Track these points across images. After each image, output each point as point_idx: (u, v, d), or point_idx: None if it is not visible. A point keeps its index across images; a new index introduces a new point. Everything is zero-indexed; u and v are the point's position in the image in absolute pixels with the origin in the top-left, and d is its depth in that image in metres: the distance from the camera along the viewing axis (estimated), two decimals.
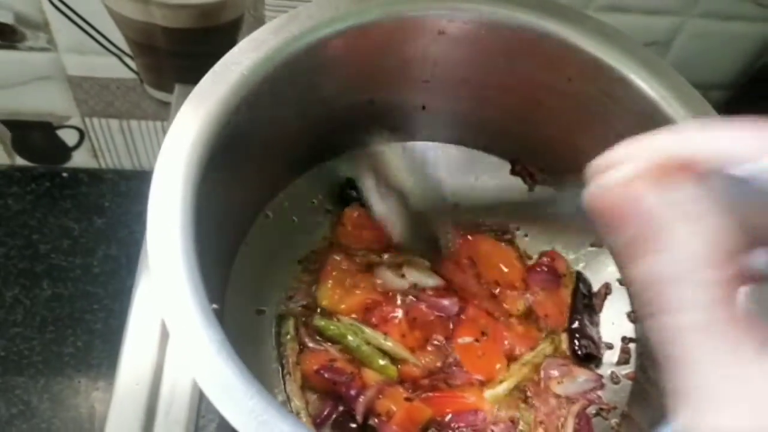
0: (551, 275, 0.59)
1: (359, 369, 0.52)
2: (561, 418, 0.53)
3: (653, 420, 0.46)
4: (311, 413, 0.51)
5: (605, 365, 0.56)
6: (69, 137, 0.78)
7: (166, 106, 0.73)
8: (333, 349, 0.53)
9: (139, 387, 0.51)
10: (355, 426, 0.50)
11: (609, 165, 0.25)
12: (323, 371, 0.51)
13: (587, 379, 0.55)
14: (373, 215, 0.52)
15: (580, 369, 0.55)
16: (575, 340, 0.56)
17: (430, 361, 0.53)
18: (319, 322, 0.54)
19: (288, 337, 0.53)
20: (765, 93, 0.72)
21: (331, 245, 0.58)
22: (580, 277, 0.59)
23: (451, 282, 0.57)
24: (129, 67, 0.69)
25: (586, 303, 0.58)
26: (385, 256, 0.57)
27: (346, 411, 0.51)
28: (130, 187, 0.81)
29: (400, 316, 0.54)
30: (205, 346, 0.37)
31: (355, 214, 0.58)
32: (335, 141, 0.59)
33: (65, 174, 0.81)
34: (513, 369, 0.54)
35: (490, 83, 0.56)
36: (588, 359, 0.56)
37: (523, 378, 0.54)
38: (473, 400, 0.53)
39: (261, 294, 0.55)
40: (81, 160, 0.81)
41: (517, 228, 0.61)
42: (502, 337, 0.55)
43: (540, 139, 0.59)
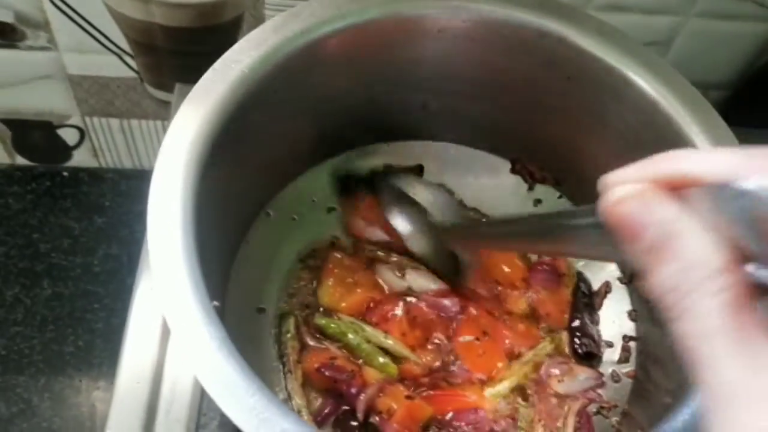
0: (552, 274, 0.59)
1: (360, 367, 0.52)
2: (561, 416, 0.53)
3: (653, 418, 0.46)
4: (312, 411, 0.51)
5: (606, 363, 0.56)
6: (69, 136, 0.78)
7: (166, 105, 0.73)
8: (334, 347, 0.53)
9: (140, 385, 0.51)
10: (356, 424, 0.50)
11: (623, 179, 0.27)
12: (324, 369, 0.51)
13: (588, 378, 0.55)
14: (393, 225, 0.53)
15: (580, 367, 0.55)
16: (576, 338, 0.56)
17: (430, 360, 0.54)
18: (320, 320, 0.54)
19: (289, 335, 0.53)
20: (765, 93, 0.72)
21: (333, 245, 0.58)
22: (580, 276, 0.59)
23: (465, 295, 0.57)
24: (129, 66, 0.69)
25: (586, 302, 0.58)
26: (394, 257, 0.58)
27: (347, 409, 0.51)
28: (130, 187, 0.81)
29: (400, 314, 0.54)
30: (206, 343, 0.37)
31: (369, 206, 0.58)
32: (335, 139, 0.59)
33: (65, 173, 0.81)
34: (514, 368, 0.54)
35: (489, 82, 0.56)
36: (588, 358, 0.56)
37: (524, 376, 0.54)
38: (474, 398, 0.53)
39: (262, 292, 0.55)
40: (81, 159, 0.81)
41: None
42: (502, 336, 0.55)
43: (540, 138, 0.59)
